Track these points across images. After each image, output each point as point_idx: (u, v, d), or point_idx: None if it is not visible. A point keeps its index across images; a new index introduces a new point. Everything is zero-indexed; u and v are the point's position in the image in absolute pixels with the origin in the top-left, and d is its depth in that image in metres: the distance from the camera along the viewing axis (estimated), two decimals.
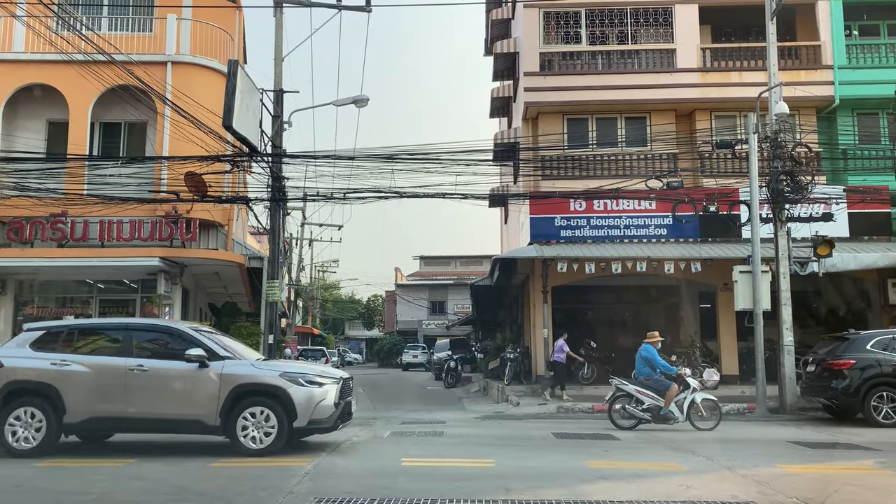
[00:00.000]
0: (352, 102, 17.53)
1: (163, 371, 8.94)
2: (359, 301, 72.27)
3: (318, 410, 8.81)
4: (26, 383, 8.97)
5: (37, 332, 9.41)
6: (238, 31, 19.07)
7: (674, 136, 18.89)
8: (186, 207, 16.36)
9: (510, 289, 24.44)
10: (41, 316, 17.98)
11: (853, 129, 18.95)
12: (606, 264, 16.90)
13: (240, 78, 13.62)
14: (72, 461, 8.71)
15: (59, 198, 15.95)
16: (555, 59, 19.83)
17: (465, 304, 49.12)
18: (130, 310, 18.00)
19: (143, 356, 9.06)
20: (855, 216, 17.66)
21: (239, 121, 13.62)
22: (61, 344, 9.25)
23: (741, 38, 20.36)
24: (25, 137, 16.94)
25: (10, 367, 9.02)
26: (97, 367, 9.01)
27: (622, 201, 17.96)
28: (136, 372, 8.87)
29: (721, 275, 16.97)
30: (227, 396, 8.73)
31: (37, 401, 8.87)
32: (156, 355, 9.13)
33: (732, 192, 16.65)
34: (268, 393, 8.81)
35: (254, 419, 8.72)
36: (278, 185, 15.63)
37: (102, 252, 16.26)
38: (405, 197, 15.03)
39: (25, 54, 17.13)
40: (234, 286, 20.90)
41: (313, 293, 51.48)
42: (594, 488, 6.90)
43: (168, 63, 17.13)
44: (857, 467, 8.07)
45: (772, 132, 14.45)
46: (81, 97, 16.74)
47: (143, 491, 6.98)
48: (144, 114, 16.98)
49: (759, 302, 14.06)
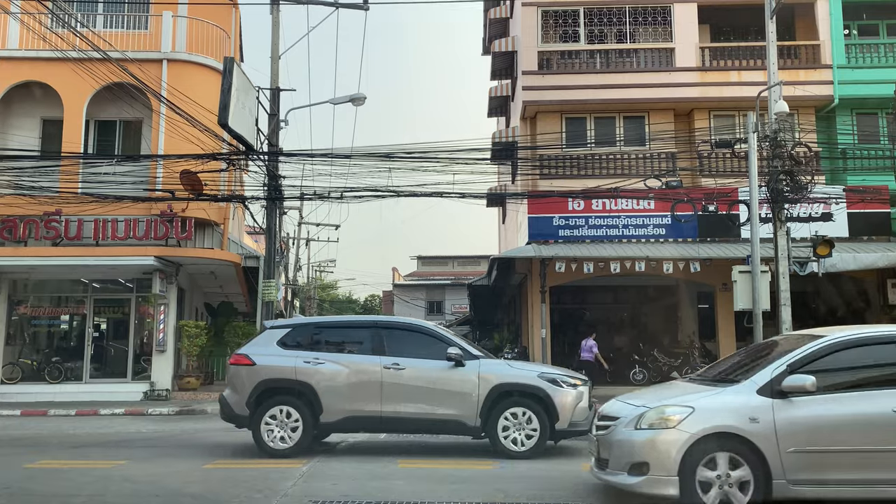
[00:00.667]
0: (349, 101, 17.43)
1: (419, 370, 8.70)
2: (356, 301, 72.13)
3: (577, 412, 8.57)
4: (281, 382, 8.73)
5: (282, 330, 9.16)
6: (234, 29, 18.95)
7: (672, 136, 18.80)
8: (182, 206, 16.25)
9: (508, 289, 24.34)
10: (36, 315, 17.88)
11: (852, 129, 18.88)
12: (605, 264, 16.80)
13: (236, 75, 13.49)
14: (62, 462, 8.59)
15: (53, 196, 15.82)
16: (553, 57, 19.73)
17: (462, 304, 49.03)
18: (126, 309, 17.89)
19: (394, 354, 8.78)
20: (854, 216, 17.59)
21: (235, 119, 13.49)
22: (308, 342, 9.01)
23: (740, 37, 20.29)
24: (20, 135, 16.80)
25: (262, 365, 8.79)
26: (352, 365, 8.77)
27: (621, 201, 17.86)
28: (391, 370, 8.63)
29: (720, 275, 16.88)
30: (487, 397, 8.50)
31: (292, 400, 8.64)
32: (408, 353, 8.82)
33: (731, 191, 16.55)
34: (528, 394, 8.56)
35: (515, 420, 8.49)
36: (274, 184, 15.51)
37: (97, 251, 16.16)
38: (402, 196, 14.92)
39: (20, 51, 17.02)
40: (231, 286, 20.78)
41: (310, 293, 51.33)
42: (595, 490, 6.79)
43: (164, 61, 17.03)
44: None
45: (771, 131, 14.35)
46: (76, 95, 16.62)
47: (133, 493, 6.87)
48: (140, 112, 16.86)
49: (758, 302, 13.94)
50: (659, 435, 5.78)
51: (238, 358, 8.91)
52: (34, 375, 17.14)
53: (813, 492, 5.67)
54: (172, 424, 12.74)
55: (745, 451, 5.66)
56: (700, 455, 5.65)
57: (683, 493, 5.61)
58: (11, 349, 17.47)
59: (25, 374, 17.09)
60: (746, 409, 5.77)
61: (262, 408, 8.64)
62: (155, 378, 16.77)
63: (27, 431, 11.72)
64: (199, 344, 17.71)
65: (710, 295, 18.87)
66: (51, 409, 14.51)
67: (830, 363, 6.02)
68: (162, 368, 16.87)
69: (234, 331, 18.79)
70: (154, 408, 14.90)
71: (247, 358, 8.85)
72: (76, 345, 17.80)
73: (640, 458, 5.80)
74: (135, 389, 16.73)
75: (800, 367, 5.91)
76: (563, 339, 20.11)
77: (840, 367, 6.06)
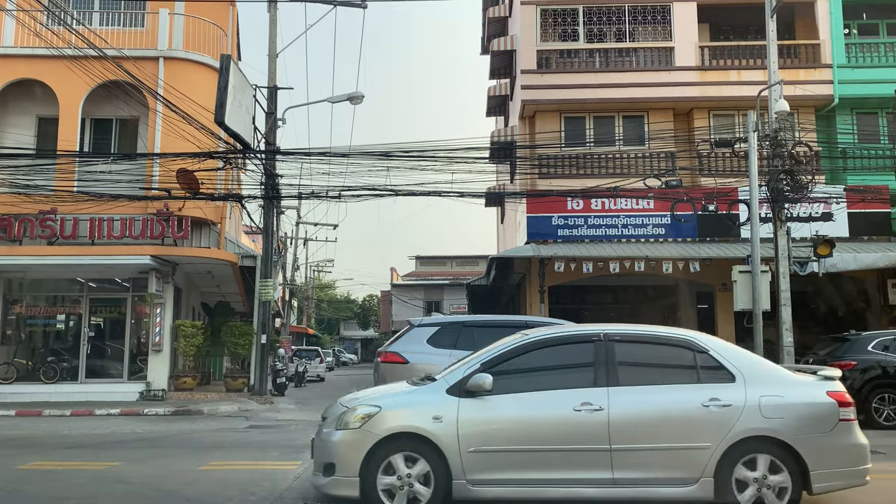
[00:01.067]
0: (347, 99, 17.37)
1: None
2: (354, 301, 72.05)
3: None
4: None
5: (430, 328, 9.07)
6: (232, 27, 18.83)
7: (672, 135, 18.73)
8: (178, 205, 16.14)
9: (506, 289, 24.24)
10: (31, 315, 17.77)
11: (853, 129, 18.81)
12: (604, 264, 16.72)
13: (232, 73, 13.42)
14: (56, 464, 8.48)
15: (48, 195, 15.71)
16: (552, 56, 19.65)
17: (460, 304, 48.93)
18: (122, 309, 17.78)
19: None
20: (855, 216, 17.52)
21: (231, 117, 13.42)
22: (457, 340, 8.89)
23: (740, 36, 20.22)
24: (15, 133, 16.69)
25: (415, 363, 8.70)
26: None
27: (620, 200, 17.78)
28: None
29: (719, 275, 16.80)
30: None
31: None
32: None
33: (731, 191, 16.47)
34: None
35: None
36: (272, 183, 15.42)
37: (93, 250, 16.03)
38: (400, 195, 14.84)
39: (15, 49, 16.91)
40: (228, 285, 20.68)
41: (308, 293, 51.22)
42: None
43: (160, 58, 16.91)
44: None
45: (772, 130, 14.27)
46: (72, 93, 16.50)
47: (126, 495, 6.76)
48: (136, 110, 16.75)
49: (758, 302, 13.86)
50: (346, 435, 5.75)
51: (390, 356, 8.77)
52: (29, 375, 17.01)
53: (493, 492, 5.60)
54: (168, 425, 12.63)
55: (427, 452, 5.60)
56: (384, 455, 5.61)
57: (364, 495, 5.56)
58: (6, 349, 17.34)
59: (20, 373, 16.96)
60: (432, 409, 5.72)
61: None
62: (151, 378, 16.65)
63: (22, 432, 11.61)
64: (196, 344, 17.60)
65: (710, 295, 18.78)
66: (46, 410, 14.39)
67: (524, 362, 5.99)
68: (158, 368, 16.75)
69: (231, 331, 18.69)
70: (150, 408, 14.79)
71: (399, 356, 8.75)
72: (72, 344, 17.68)
73: (330, 458, 5.78)
74: (131, 390, 16.60)
75: (494, 365, 5.86)
76: None
77: (532, 366, 6.02)
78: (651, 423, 5.67)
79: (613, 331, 6.13)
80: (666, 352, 6.05)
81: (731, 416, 5.62)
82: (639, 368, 6.02)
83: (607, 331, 6.09)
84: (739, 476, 5.59)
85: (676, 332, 6.27)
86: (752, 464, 5.62)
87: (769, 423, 5.62)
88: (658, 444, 5.61)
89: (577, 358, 6.04)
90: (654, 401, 5.74)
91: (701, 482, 5.56)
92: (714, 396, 5.68)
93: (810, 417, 5.69)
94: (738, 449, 5.60)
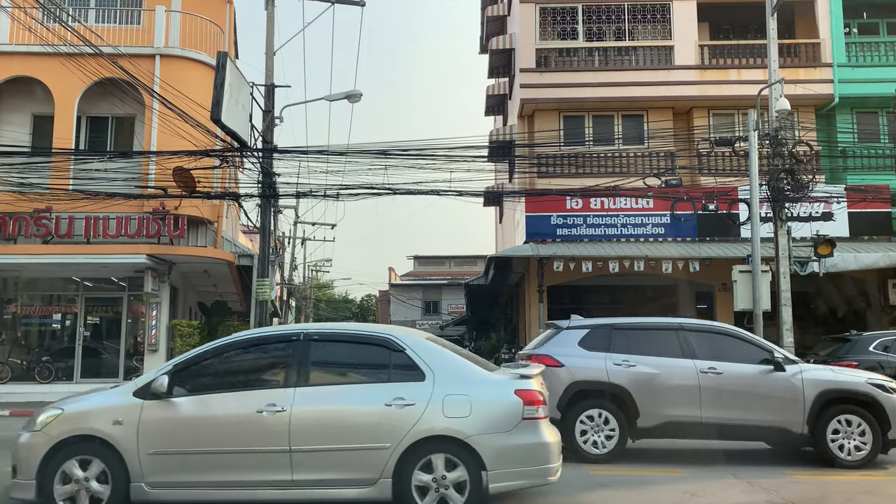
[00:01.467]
0: (344, 98, 17.22)
1: (737, 374, 8.34)
2: (352, 301, 71.93)
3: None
4: (594, 384, 8.42)
5: (581, 331, 8.84)
6: (229, 25, 18.72)
7: (672, 134, 18.65)
8: (174, 204, 16.01)
9: (505, 288, 24.14)
10: (26, 314, 17.63)
11: (853, 128, 18.74)
12: (603, 263, 16.63)
13: (229, 71, 13.28)
14: None
15: (43, 193, 15.58)
16: (551, 55, 19.55)
17: (459, 304, 48.87)
18: (118, 308, 17.65)
19: (704, 357, 8.42)
20: (855, 216, 17.45)
21: (228, 115, 13.28)
22: (609, 343, 8.66)
23: (739, 35, 20.15)
24: (10, 131, 16.55)
25: (570, 367, 8.47)
26: (665, 368, 8.40)
27: (619, 199, 17.69)
28: (708, 374, 8.28)
29: (719, 275, 16.71)
30: (814, 403, 8.12)
31: (606, 403, 8.32)
32: (718, 357, 8.46)
33: (731, 190, 16.39)
34: (858, 400, 8.19)
35: (847, 428, 8.10)
36: (269, 181, 15.29)
37: (88, 249, 15.91)
38: (398, 193, 14.72)
39: (10, 46, 16.78)
40: (225, 284, 20.56)
41: (306, 292, 51.09)
42: (595, 496, 6.61)
43: (156, 56, 16.80)
44: (867, 475, 7.78)
45: (772, 129, 14.19)
46: (68, 90, 16.37)
47: None
48: (132, 108, 16.63)
49: (758, 302, 13.79)
50: (29, 438, 5.77)
51: (541, 359, 8.43)
52: (24, 375, 16.88)
53: (171, 494, 5.54)
54: None
55: (106, 454, 5.54)
56: (61, 459, 5.57)
57: (42, 499, 5.51)
58: (1, 349, 17.22)
59: (15, 373, 16.83)
60: (114, 411, 5.68)
61: (573, 411, 8.31)
62: None
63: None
64: (192, 343, 17.44)
65: (709, 295, 18.69)
66: None
67: (221, 363, 5.97)
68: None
69: (228, 330, 18.50)
70: None
71: (552, 359, 8.49)
72: (67, 344, 17.55)
73: (14, 460, 5.77)
74: None
75: (190, 366, 5.85)
76: None
77: (228, 368, 6.00)
78: (332, 424, 5.62)
79: (313, 330, 6.12)
80: (363, 351, 6.00)
81: (412, 415, 5.54)
82: (332, 368, 6.03)
83: (308, 330, 6.07)
84: (419, 482, 5.51)
85: (377, 330, 6.19)
86: (431, 466, 5.54)
87: (449, 423, 5.54)
88: (338, 444, 5.55)
89: (274, 359, 6.04)
90: (338, 401, 5.70)
91: (379, 483, 5.49)
92: (399, 396, 5.60)
93: (492, 416, 5.60)
94: (419, 450, 5.52)
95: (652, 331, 9.00)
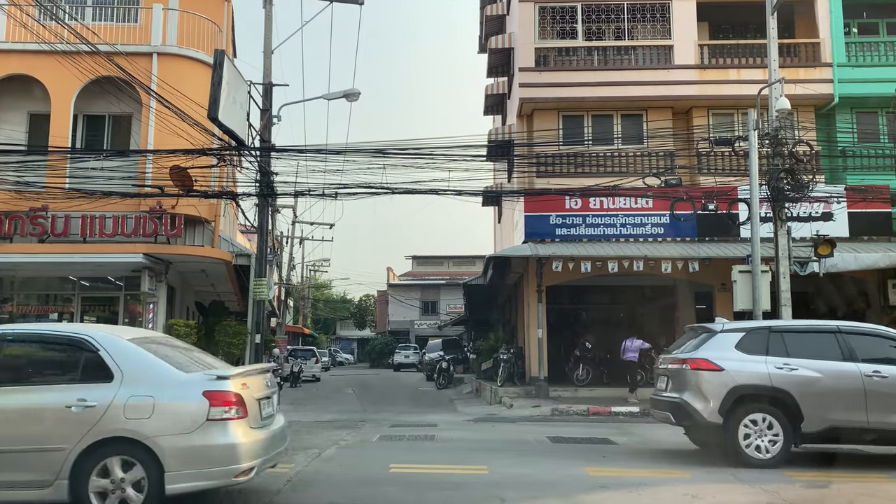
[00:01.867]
0: (343, 96, 17.17)
1: None
2: (350, 301, 71.83)
3: None
4: (757, 388, 8.30)
5: (737, 334, 8.70)
6: (227, 23, 18.62)
7: (671, 134, 18.58)
8: (171, 202, 15.90)
9: (504, 288, 24.09)
10: (22, 314, 17.52)
11: (853, 128, 18.69)
12: (602, 263, 16.56)
13: (226, 69, 13.19)
14: None
15: (39, 191, 15.47)
16: (550, 54, 19.48)
17: (457, 304, 48.80)
18: (115, 308, 17.54)
19: (865, 360, 8.30)
20: (855, 216, 17.39)
21: (225, 113, 13.20)
22: (767, 346, 8.50)
23: (739, 35, 20.08)
24: (6, 129, 16.43)
25: (731, 370, 8.34)
26: (828, 372, 8.27)
27: (619, 199, 17.62)
28: (874, 378, 8.16)
29: (718, 275, 16.65)
30: None
31: (769, 408, 8.21)
32: (879, 360, 8.35)
33: (731, 190, 16.32)
34: None
35: None
36: (266, 180, 15.21)
37: (84, 248, 15.79)
38: (397, 193, 14.65)
39: (6, 44, 16.67)
40: (222, 284, 20.46)
41: (304, 292, 51.00)
42: (595, 498, 6.54)
43: (154, 54, 16.68)
44: (869, 476, 7.72)
45: (772, 129, 14.12)
46: (64, 89, 16.26)
47: None
48: (129, 106, 16.53)
49: (758, 302, 13.72)
50: None
51: (700, 363, 8.41)
52: None
53: None
54: None
55: None
56: None
57: None
58: None
59: None
60: None
61: (736, 416, 8.19)
62: None
63: None
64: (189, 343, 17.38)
65: (709, 295, 18.63)
66: None
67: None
68: None
69: (225, 330, 18.45)
70: None
71: (711, 363, 8.41)
72: None
73: None
74: None
75: None
76: (560, 340, 19.87)
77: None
78: (9, 425, 5.62)
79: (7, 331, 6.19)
80: (56, 352, 6.05)
81: (92, 416, 5.54)
82: (21, 370, 6.02)
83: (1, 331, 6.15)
84: (98, 487, 5.51)
85: (72, 331, 6.18)
86: (108, 469, 5.54)
87: (129, 424, 5.55)
88: (13, 446, 5.55)
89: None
90: (19, 402, 5.71)
91: (56, 485, 5.49)
92: (82, 397, 5.60)
93: (174, 417, 5.60)
94: (98, 451, 5.52)
95: (810, 333, 8.89)
